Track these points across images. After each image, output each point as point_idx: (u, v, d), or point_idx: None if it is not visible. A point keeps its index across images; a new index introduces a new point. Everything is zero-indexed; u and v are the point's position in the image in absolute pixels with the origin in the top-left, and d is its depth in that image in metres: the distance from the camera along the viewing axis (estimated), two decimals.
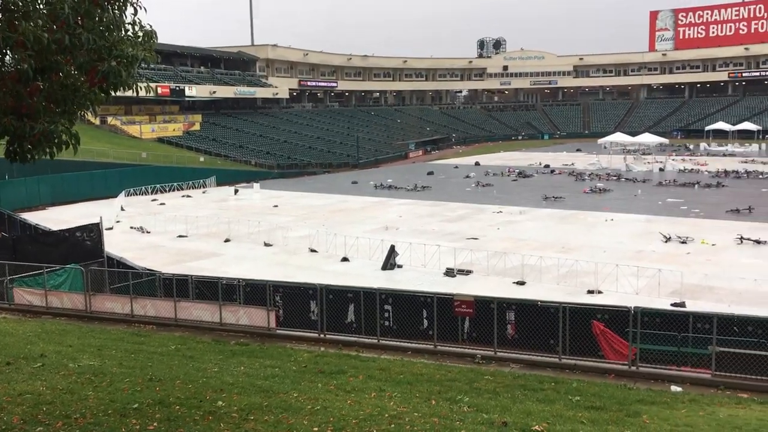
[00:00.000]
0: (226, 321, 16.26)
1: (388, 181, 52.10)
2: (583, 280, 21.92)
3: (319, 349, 14.23)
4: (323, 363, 12.19)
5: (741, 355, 11.52)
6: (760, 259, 24.58)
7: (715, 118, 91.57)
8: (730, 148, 74.21)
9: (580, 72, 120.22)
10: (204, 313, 16.65)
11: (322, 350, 14.02)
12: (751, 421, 8.60)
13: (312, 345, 14.76)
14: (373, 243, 26.62)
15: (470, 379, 11.00)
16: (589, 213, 35.77)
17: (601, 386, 10.68)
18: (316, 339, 15.34)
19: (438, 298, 15.29)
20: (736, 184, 46.92)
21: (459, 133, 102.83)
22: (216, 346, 14.09)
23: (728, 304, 18.80)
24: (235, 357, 12.73)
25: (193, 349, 13.52)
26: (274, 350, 13.75)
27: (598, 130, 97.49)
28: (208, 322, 16.38)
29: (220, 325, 16.17)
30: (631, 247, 27.14)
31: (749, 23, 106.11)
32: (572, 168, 59.29)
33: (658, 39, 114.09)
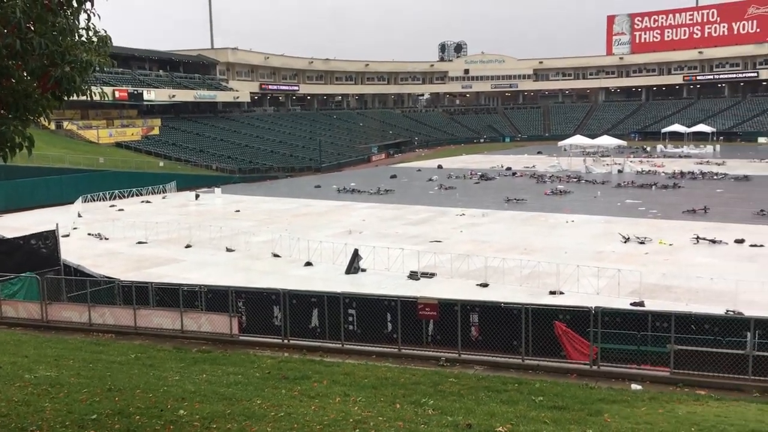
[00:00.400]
0: (187, 328, 16.03)
1: (351, 184, 52.05)
2: (545, 281, 22.14)
3: (283, 354, 14.12)
4: (287, 369, 12.10)
5: (698, 353, 11.76)
6: (715, 258, 25.14)
7: (671, 120, 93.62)
8: (686, 150, 75.89)
9: (540, 75, 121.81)
10: (165, 320, 16.40)
11: (286, 356, 13.91)
12: (708, 417, 8.78)
13: (276, 351, 14.64)
14: (336, 247, 26.54)
15: (435, 381, 11.02)
16: (550, 215, 36.19)
17: (563, 386, 10.79)
18: (280, 345, 15.22)
19: (402, 301, 15.31)
20: (692, 185, 47.98)
21: (421, 136, 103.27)
22: (177, 353, 13.87)
23: (686, 303, 19.17)
24: (197, 365, 12.55)
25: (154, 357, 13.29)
26: (237, 357, 13.59)
27: (558, 132, 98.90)
28: (169, 330, 16.13)
29: (181, 333, 15.93)
30: (592, 248, 27.52)
31: (703, 28, 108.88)
32: (533, 170, 59.97)
33: (616, 43, 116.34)
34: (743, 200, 39.02)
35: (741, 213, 34.62)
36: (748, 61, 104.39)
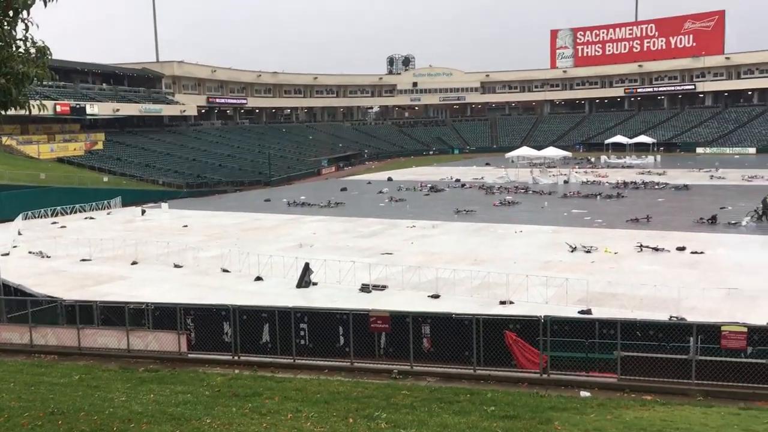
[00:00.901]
0: (134, 347, 15.63)
1: (302, 198, 51.80)
2: (495, 291, 22.36)
3: (234, 371, 13.89)
4: (237, 386, 11.90)
5: (644, 359, 12.02)
6: (658, 265, 25.81)
7: (614, 131, 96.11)
8: (628, 161, 77.90)
9: (487, 88, 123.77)
10: (110, 339, 15.96)
11: (237, 373, 13.69)
12: (655, 422, 8.97)
13: (226, 368, 14.39)
14: (287, 261, 26.32)
15: (387, 394, 10.99)
16: (499, 225, 36.64)
17: (514, 395, 10.90)
18: (230, 361, 14.97)
19: (354, 314, 15.25)
20: (635, 194, 49.25)
21: (371, 148, 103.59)
22: (123, 374, 13.51)
23: (631, 310, 19.61)
24: (144, 384, 12.24)
25: (99, 378, 12.91)
26: (186, 375, 13.31)
27: (505, 144, 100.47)
28: (115, 350, 15.71)
29: (127, 352, 15.53)
30: (540, 258, 27.94)
31: (642, 42, 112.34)
32: (482, 182, 60.70)
33: (559, 57, 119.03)
34: (683, 209, 40.22)
35: (682, 221, 35.67)
36: (685, 74, 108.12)
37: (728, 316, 18.35)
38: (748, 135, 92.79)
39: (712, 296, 20.73)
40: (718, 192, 48.31)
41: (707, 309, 19.56)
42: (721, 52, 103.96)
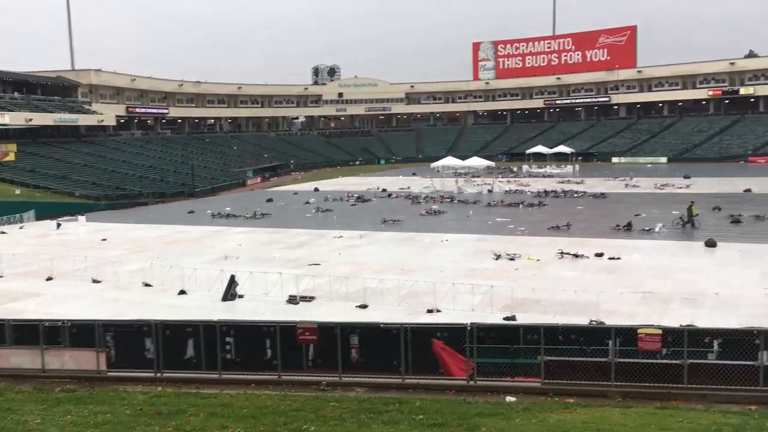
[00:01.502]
0: (49, 367, 14.95)
1: (226, 209, 50.91)
2: (422, 300, 22.52)
3: (156, 389, 13.48)
4: (161, 404, 11.55)
5: (566, 362, 12.34)
6: (578, 271, 26.59)
7: (535, 142, 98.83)
8: (549, 170, 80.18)
9: (412, 99, 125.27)
10: (23, 359, 15.21)
11: (160, 390, 13.29)
12: (577, 424, 9.23)
13: (148, 385, 13.95)
14: (212, 274, 25.78)
15: (316, 407, 10.89)
16: (426, 234, 36.98)
17: (442, 403, 10.99)
18: (153, 378, 14.52)
19: (281, 326, 15.05)
20: (555, 202, 50.68)
21: (297, 159, 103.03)
22: (38, 395, 12.90)
23: (553, 315, 20.10)
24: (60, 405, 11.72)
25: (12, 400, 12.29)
26: (106, 394, 12.83)
27: (431, 154, 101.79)
28: (29, 370, 14.98)
29: (42, 372, 14.84)
30: (466, 266, 28.33)
31: (560, 55, 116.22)
32: (408, 191, 61.19)
33: (481, 69, 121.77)
34: (601, 216, 41.66)
35: (600, 228, 36.91)
36: (600, 86, 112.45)
37: (644, 319, 19.08)
38: (660, 145, 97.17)
39: (628, 300, 21.49)
40: (633, 200, 50.27)
41: (624, 312, 20.26)
42: (634, 66, 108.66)
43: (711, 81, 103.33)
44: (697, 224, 35.69)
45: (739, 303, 20.86)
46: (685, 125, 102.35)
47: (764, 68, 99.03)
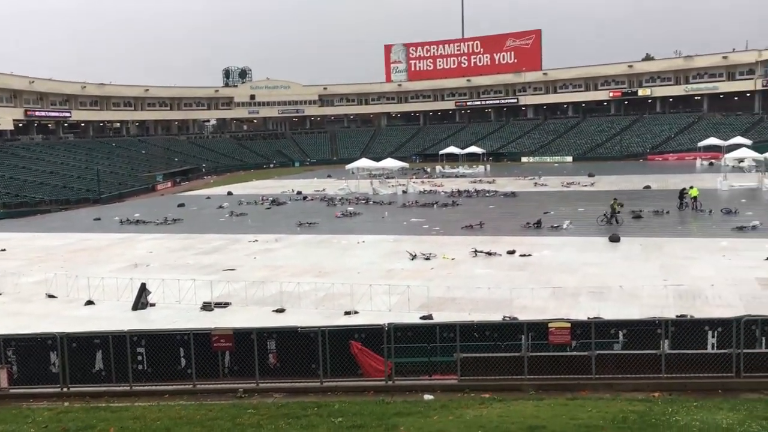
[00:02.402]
0: None
1: (136, 215, 49.26)
2: (339, 302, 22.51)
3: (63, 404, 12.87)
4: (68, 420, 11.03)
5: (481, 359, 12.60)
6: (491, 269, 27.23)
7: (447, 143, 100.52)
8: (461, 170, 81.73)
9: (325, 101, 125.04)
10: None
11: (66, 405, 12.69)
12: (493, 418, 9.44)
13: (54, 401, 13.30)
14: (121, 283, 24.88)
15: (233, 415, 10.68)
16: (342, 236, 36.98)
17: (361, 404, 11.00)
18: (59, 394, 13.86)
19: (195, 334, 14.69)
20: (468, 202, 51.72)
21: (209, 163, 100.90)
22: None
23: (468, 313, 20.48)
24: None
25: None
26: (8, 413, 12.14)
27: (345, 156, 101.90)
28: None
29: None
30: (383, 267, 28.51)
31: (469, 58, 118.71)
32: (324, 194, 61.04)
33: (394, 70, 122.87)
34: (512, 214, 42.81)
35: (511, 226, 37.92)
36: (509, 88, 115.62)
37: (554, 313, 19.75)
38: (566, 145, 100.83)
39: (539, 295, 22.18)
40: (542, 198, 51.93)
41: (536, 307, 20.90)
42: (540, 68, 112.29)
43: (612, 83, 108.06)
44: (620, 220, 37.05)
45: (641, 294, 21.89)
46: (588, 125, 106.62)
47: (660, 71, 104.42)
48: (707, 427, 8.57)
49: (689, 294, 21.85)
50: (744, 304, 20.24)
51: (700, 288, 22.43)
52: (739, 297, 21.20)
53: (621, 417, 9.27)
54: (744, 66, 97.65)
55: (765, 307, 19.60)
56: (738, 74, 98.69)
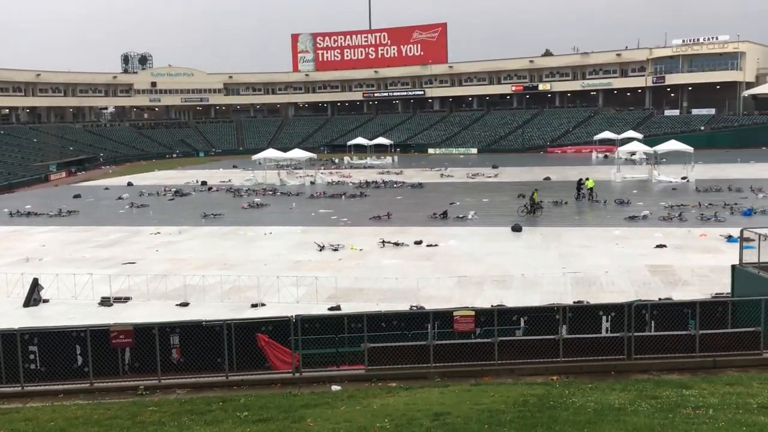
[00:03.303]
0: None
1: (27, 207, 46.69)
2: (246, 294, 22.20)
3: None
4: None
5: (388, 348, 12.72)
6: (399, 259, 27.53)
7: (355, 134, 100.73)
8: (369, 161, 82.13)
9: (231, 90, 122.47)
10: None
11: None
12: (399, 406, 9.54)
13: None
14: (11, 278, 23.53)
15: (132, 413, 10.32)
16: (248, 228, 36.39)
17: (267, 398, 10.87)
18: None
19: (92, 331, 14.07)
20: (376, 193, 52.04)
21: (108, 152, 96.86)
22: None
23: (376, 303, 20.64)
24: None
25: None
26: None
27: (252, 146, 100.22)
28: None
29: None
30: (290, 258, 28.29)
31: (377, 49, 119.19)
32: (230, 184, 59.88)
33: (301, 60, 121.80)
34: (419, 205, 43.41)
35: (418, 217, 38.43)
36: (416, 80, 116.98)
37: (460, 301, 20.22)
38: (471, 137, 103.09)
39: (445, 285, 22.63)
40: (448, 189, 52.92)
41: (442, 296, 21.33)
42: (445, 61, 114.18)
43: (514, 77, 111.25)
44: (539, 211, 38.06)
45: (542, 282, 22.73)
46: (492, 118, 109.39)
47: (559, 66, 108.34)
48: (601, 407, 9.00)
49: (585, 281, 22.86)
50: (635, 290, 21.39)
51: (596, 275, 23.50)
52: (631, 283, 22.36)
53: (521, 400, 9.58)
54: (636, 63, 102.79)
55: (654, 293, 20.82)
56: (630, 71, 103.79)
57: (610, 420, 8.47)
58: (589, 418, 8.56)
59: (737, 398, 9.40)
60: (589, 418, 8.56)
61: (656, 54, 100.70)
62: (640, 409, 8.97)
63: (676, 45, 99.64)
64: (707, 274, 22.71)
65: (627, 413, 8.76)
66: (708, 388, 10.17)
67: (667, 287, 21.60)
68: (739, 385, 10.39)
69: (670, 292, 20.70)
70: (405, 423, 8.77)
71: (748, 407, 8.92)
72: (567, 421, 8.49)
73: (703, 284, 21.62)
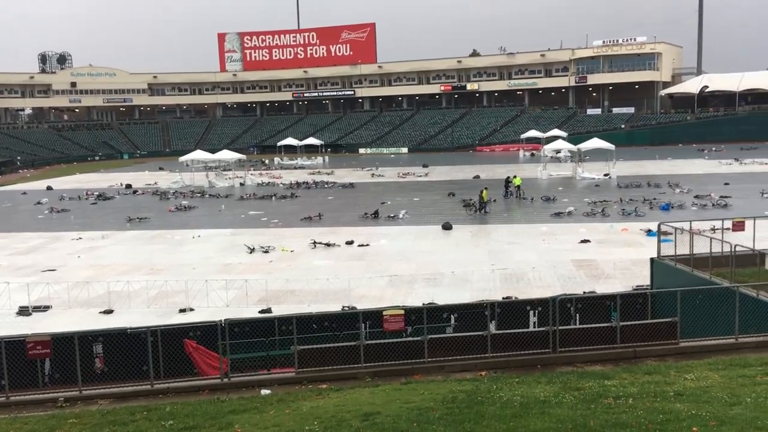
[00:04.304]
0: None
1: None
2: (174, 299, 21.70)
3: None
4: None
5: (318, 350, 12.64)
6: (330, 260, 27.44)
7: (285, 134, 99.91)
8: (300, 162, 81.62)
9: (156, 90, 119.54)
10: None
11: None
12: (329, 408, 9.49)
13: None
14: None
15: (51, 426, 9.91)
16: (176, 231, 35.59)
17: (194, 405, 10.63)
18: None
19: (6, 342, 13.43)
20: (307, 194, 51.74)
21: (25, 155, 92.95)
22: None
23: (308, 304, 20.54)
24: None
25: None
26: None
27: (179, 148, 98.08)
28: None
29: None
30: (219, 261, 27.82)
31: (306, 49, 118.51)
32: (156, 187, 58.41)
33: (228, 60, 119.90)
34: (350, 205, 43.39)
35: (350, 217, 38.42)
36: (346, 80, 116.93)
37: (391, 300, 20.31)
38: (401, 136, 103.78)
39: (377, 284, 22.71)
40: (379, 188, 53.08)
41: (374, 296, 21.39)
42: (375, 61, 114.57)
43: (443, 77, 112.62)
44: (488, 209, 38.37)
45: (472, 279, 23.09)
46: (422, 118, 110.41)
47: (486, 66, 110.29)
48: (526, 401, 9.18)
49: (514, 277, 23.35)
50: (561, 284, 21.97)
51: (523, 271, 24.02)
52: (557, 278, 22.96)
53: (450, 397, 9.68)
54: (559, 63, 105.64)
55: (579, 286, 21.45)
56: (554, 71, 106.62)
57: (535, 413, 8.64)
58: (515, 412, 8.72)
59: (655, 387, 9.75)
60: (515, 412, 8.72)
61: (578, 54, 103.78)
62: (564, 400, 9.19)
63: (597, 46, 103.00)
64: (629, 267, 23.53)
65: (551, 405, 8.96)
66: (628, 378, 10.52)
67: (591, 281, 22.28)
68: (657, 373, 10.78)
69: (594, 286, 21.37)
70: (334, 425, 8.73)
71: (665, 395, 9.27)
72: (494, 415, 8.62)
73: (624, 277, 22.40)
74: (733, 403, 8.76)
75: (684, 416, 8.24)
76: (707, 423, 7.94)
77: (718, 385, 9.79)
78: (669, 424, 8.03)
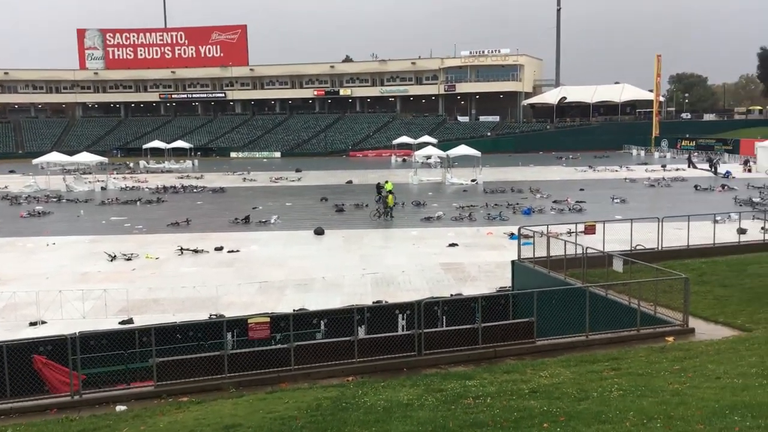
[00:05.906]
0: None
1: None
2: (23, 312, 20.22)
3: None
4: None
5: (179, 361, 12.14)
6: (198, 267, 26.58)
7: (152, 136, 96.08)
8: (167, 165, 78.72)
9: (7, 87, 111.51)
10: None
11: None
12: (188, 423, 9.12)
13: None
14: None
15: None
16: (28, 239, 33.23)
17: (40, 425, 9.89)
18: None
19: None
20: (175, 198, 49.93)
21: None
22: None
23: (173, 314, 19.76)
24: None
25: None
26: None
27: (33, 149, 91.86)
28: None
29: None
30: (76, 270, 26.24)
31: (173, 49, 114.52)
32: (6, 191, 54.26)
33: (89, 57, 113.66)
34: (220, 210, 42.30)
35: (219, 222, 37.42)
36: (216, 82, 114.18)
37: (261, 307, 19.92)
38: (274, 140, 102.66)
39: (247, 291, 22.24)
40: (250, 193, 52.18)
41: (243, 303, 20.89)
42: (246, 64, 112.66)
43: (316, 82, 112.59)
44: (392, 214, 38.08)
45: (343, 284, 23.12)
46: (295, 122, 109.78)
47: (358, 72, 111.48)
48: (390, 405, 9.25)
49: (384, 281, 23.63)
50: (430, 288, 22.49)
51: (394, 275, 24.37)
52: (426, 281, 23.48)
53: (315, 405, 9.59)
54: (429, 72, 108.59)
55: (447, 289, 22.03)
56: (425, 79, 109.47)
57: (397, 416, 8.72)
58: (378, 417, 8.76)
59: (512, 385, 10.14)
60: (378, 417, 8.76)
61: (447, 64, 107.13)
62: (426, 403, 9.35)
63: (464, 56, 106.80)
64: (493, 269, 24.45)
65: (414, 408, 9.08)
66: (488, 378, 10.88)
67: (459, 283, 22.94)
68: (515, 372, 11.23)
69: (461, 288, 22.02)
70: None
71: (520, 393, 9.65)
72: (357, 421, 8.62)
73: (489, 279, 23.25)
74: (582, 398, 9.25)
75: (537, 413, 8.61)
76: (557, 418, 8.33)
77: (569, 381, 10.32)
78: (523, 421, 8.35)
